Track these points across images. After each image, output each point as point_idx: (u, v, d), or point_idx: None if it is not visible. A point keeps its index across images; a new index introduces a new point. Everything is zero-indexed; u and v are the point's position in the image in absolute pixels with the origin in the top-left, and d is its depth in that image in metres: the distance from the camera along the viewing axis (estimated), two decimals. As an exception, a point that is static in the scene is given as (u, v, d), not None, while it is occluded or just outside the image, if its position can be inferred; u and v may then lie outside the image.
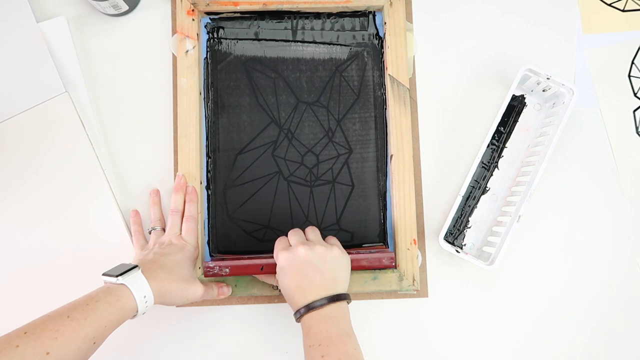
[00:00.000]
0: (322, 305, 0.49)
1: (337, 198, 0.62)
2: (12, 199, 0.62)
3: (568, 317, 0.62)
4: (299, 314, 0.50)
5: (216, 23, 0.64)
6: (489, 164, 0.63)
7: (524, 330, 0.61)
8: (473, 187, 0.62)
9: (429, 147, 0.64)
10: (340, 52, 0.63)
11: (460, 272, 0.62)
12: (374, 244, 0.61)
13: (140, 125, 0.64)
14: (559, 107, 0.60)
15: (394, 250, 0.59)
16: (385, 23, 0.62)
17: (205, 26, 0.64)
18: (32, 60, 0.63)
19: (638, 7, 0.67)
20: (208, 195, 0.61)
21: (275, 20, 0.64)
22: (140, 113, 0.64)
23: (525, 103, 0.64)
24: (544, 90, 0.62)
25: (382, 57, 0.63)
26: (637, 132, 0.65)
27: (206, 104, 0.62)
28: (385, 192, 0.62)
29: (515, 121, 0.63)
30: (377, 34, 0.64)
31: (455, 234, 0.61)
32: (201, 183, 0.61)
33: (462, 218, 0.62)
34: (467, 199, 0.62)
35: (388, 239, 0.61)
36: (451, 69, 0.66)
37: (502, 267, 0.60)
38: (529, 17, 0.67)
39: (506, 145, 0.63)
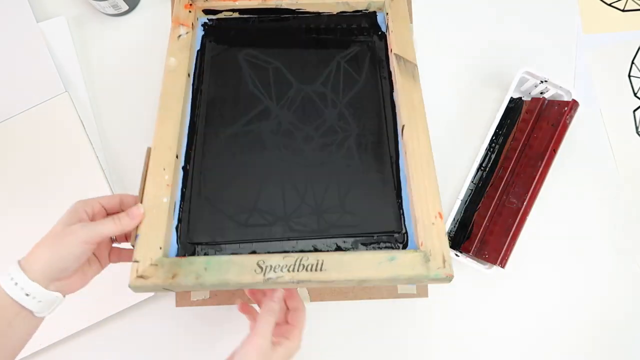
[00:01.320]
0: None
1: (339, 178, 0.52)
2: (12, 199, 0.62)
3: (567, 317, 0.62)
4: None
5: (214, 23, 0.64)
6: (487, 167, 0.63)
7: (524, 330, 0.61)
8: (472, 190, 0.62)
9: (429, 147, 0.64)
10: (342, 44, 0.62)
11: (460, 272, 0.62)
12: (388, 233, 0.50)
13: (140, 125, 0.64)
14: (558, 108, 0.60)
15: (414, 228, 0.48)
16: (387, 14, 0.62)
17: (203, 25, 0.63)
18: (32, 60, 0.64)
19: (638, 7, 0.67)
20: (184, 175, 0.52)
21: (277, 23, 0.64)
22: (140, 113, 0.64)
23: (523, 105, 0.64)
24: (542, 93, 0.62)
25: (385, 43, 0.61)
26: (637, 132, 0.65)
27: (194, 88, 0.58)
28: (397, 168, 0.53)
29: (514, 123, 0.63)
30: (379, 31, 0.63)
31: (455, 237, 0.61)
32: (177, 157, 0.52)
33: (462, 221, 0.62)
34: (467, 202, 0.62)
35: (405, 216, 0.50)
36: (450, 69, 0.66)
37: (501, 269, 0.60)
38: (528, 17, 0.67)
39: (504, 148, 0.63)
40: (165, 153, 0.51)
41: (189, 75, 0.57)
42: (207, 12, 0.63)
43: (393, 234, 0.50)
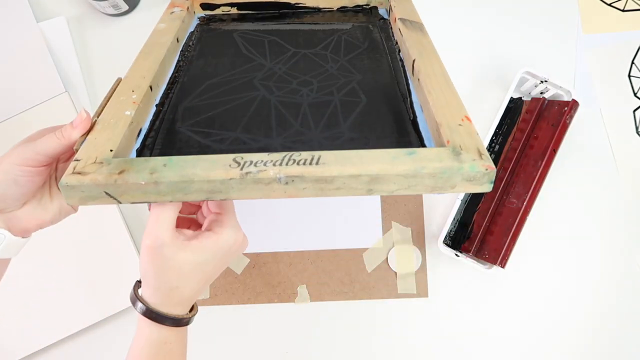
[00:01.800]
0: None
1: (342, 108, 0.45)
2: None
3: (567, 317, 0.62)
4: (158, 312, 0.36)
5: (209, 17, 0.63)
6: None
7: (524, 330, 0.61)
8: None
9: (429, 147, 0.64)
10: (342, 25, 0.59)
11: (460, 272, 0.62)
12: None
13: (140, 125, 0.64)
14: (558, 108, 0.60)
15: (437, 132, 0.38)
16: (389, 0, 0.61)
17: (199, 18, 0.63)
18: (32, 60, 0.64)
19: (638, 7, 0.67)
20: (157, 112, 0.44)
21: (273, 21, 0.64)
22: (140, 113, 0.64)
23: (523, 105, 0.64)
24: (542, 93, 0.62)
25: (389, 26, 0.59)
26: (637, 132, 0.65)
27: (181, 52, 0.53)
28: (411, 102, 0.45)
29: (514, 123, 0.63)
30: (382, 18, 0.62)
31: (455, 237, 0.61)
32: (151, 90, 0.44)
33: (462, 221, 0.62)
34: (467, 202, 0.62)
35: (425, 140, 0.40)
36: (450, 69, 0.65)
37: (501, 269, 0.60)
38: (528, 17, 0.67)
39: (504, 148, 0.63)
40: (138, 80, 0.43)
41: (177, 40, 0.52)
42: (204, 7, 0.63)
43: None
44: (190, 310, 0.39)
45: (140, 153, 0.39)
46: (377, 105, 0.44)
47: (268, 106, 0.44)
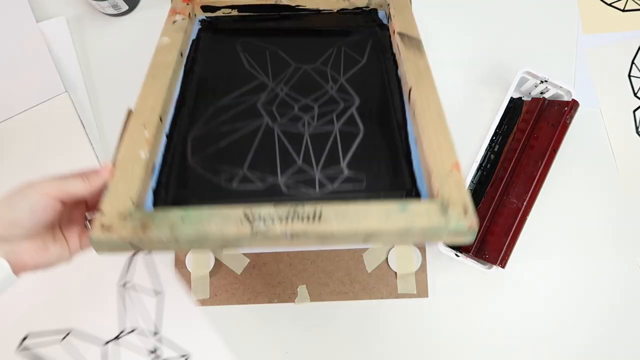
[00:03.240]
0: None
1: (341, 140, 0.49)
2: (12, 199, 0.62)
3: (567, 317, 0.62)
4: None
5: (211, 20, 0.63)
6: (487, 167, 0.63)
7: (524, 330, 0.61)
8: (472, 190, 0.62)
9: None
10: (342, 33, 0.60)
11: (460, 272, 0.62)
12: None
13: (140, 125, 0.64)
14: (559, 107, 0.60)
15: (428, 180, 0.42)
16: (388, 5, 0.61)
17: (200, 21, 0.63)
18: (32, 60, 0.64)
19: (638, 7, 0.67)
20: (168, 142, 0.48)
21: (275, 22, 0.64)
22: (140, 113, 0.64)
23: (523, 105, 0.64)
24: (542, 93, 0.62)
25: (388, 33, 0.59)
26: (637, 132, 0.65)
27: (186, 68, 0.55)
28: (406, 134, 0.48)
29: (514, 123, 0.63)
30: (380, 23, 0.63)
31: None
32: (161, 121, 0.47)
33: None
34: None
35: (417, 177, 0.45)
36: (450, 69, 0.66)
37: (501, 269, 0.61)
38: (528, 17, 0.67)
39: (505, 148, 0.63)
40: (148, 113, 0.46)
41: (181, 54, 0.54)
42: (205, 9, 0.63)
43: (403, 192, 0.44)
44: None
45: (156, 192, 0.43)
46: (374, 138, 0.49)
47: (272, 138, 0.48)
